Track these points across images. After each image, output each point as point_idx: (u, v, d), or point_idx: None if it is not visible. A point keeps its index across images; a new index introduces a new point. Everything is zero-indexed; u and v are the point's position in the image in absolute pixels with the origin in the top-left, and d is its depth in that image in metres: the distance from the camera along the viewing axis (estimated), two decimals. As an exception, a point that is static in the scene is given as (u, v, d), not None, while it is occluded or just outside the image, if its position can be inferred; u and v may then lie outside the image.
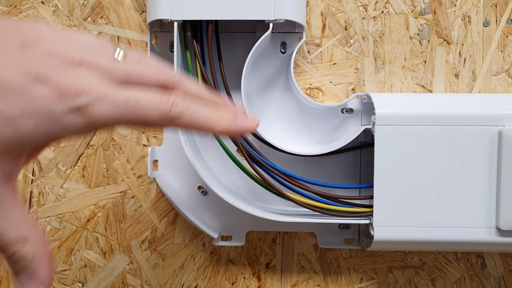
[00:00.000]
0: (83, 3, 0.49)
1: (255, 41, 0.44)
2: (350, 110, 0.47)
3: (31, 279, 0.27)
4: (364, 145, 0.48)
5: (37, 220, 0.51)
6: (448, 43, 0.48)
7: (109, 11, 0.49)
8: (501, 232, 0.43)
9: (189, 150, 0.44)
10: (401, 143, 0.42)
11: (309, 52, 0.49)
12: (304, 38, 0.46)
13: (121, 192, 0.50)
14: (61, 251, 0.51)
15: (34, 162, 0.50)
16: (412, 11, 0.48)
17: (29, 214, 0.27)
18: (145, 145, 0.50)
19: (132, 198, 0.50)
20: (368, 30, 0.48)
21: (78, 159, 0.50)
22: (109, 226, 0.50)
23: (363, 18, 0.48)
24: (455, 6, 0.48)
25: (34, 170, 0.50)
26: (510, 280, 0.49)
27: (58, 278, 0.51)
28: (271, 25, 0.43)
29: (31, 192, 0.50)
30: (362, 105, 0.47)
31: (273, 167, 0.45)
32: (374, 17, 0.48)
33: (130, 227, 0.50)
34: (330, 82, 0.49)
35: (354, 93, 0.48)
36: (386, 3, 0.48)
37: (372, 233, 0.43)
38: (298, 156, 0.46)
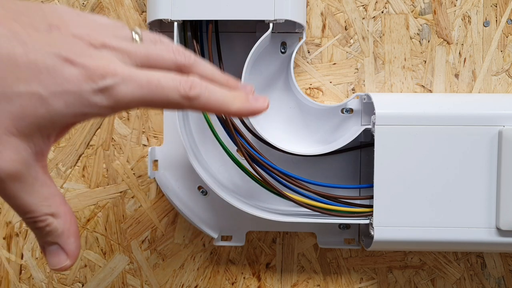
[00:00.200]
0: (83, 3, 0.49)
1: (255, 41, 0.44)
2: (350, 110, 0.47)
3: (60, 252, 0.28)
4: (364, 145, 0.48)
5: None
6: (448, 43, 0.48)
7: (109, 11, 0.49)
8: (501, 232, 0.43)
9: (189, 150, 0.44)
10: (401, 143, 0.42)
11: (309, 52, 0.49)
12: (304, 38, 0.46)
13: (121, 192, 0.50)
14: (61, 251, 0.51)
15: (34, 162, 0.50)
16: (412, 11, 0.48)
17: (58, 190, 0.28)
18: (145, 145, 0.50)
19: (132, 198, 0.50)
20: (368, 30, 0.48)
21: (78, 159, 0.50)
22: (109, 226, 0.50)
23: (363, 18, 0.48)
24: (455, 6, 0.48)
25: (34, 170, 0.50)
26: (510, 280, 0.49)
27: (58, 278, 0.51)
28: (271, 25, 0.43)
29: (31, 192, 0.50)
30: (362, 105, 0.47)
31: (273, 167, 0.45)
32: (374, 17, 0.48)
33: (130, 227, 0.50)
34: (330, 82, 0.49)
35: (354, 93, 0.48)
36: (386, 3, 0.48)
37: (372, 233, 0.43)
38: (298, 156, 0.46)
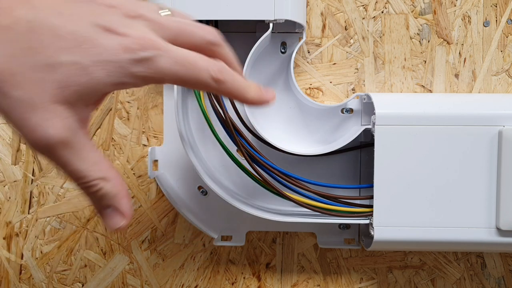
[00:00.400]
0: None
1: (255, 41, 0.44)
2: (350, 110, 0.47)
3: (115, 214, 0.29)
4: (364, 145, 0.48)
5: (37, 220, 0.51)
6: (448, 43, 0.48)
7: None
8: (501, 232, 0.43)
9: (189, 150, 0.44)
10: (401, 143, 0.42)
11: (309, 52, 0.49)
12: (304, 38, 0.46)
13: (121, 192, 0.50)
14: (61, 251, 0.51)
15: (34, 162, 0.50)
16: (412, 11, 0.48)
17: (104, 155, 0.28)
18: (145, 145, 0.50)
19: (132, 198, 0.50)
20: (368, 30, 0.48)
21: (78, 159, 0.50)
22: (109, 226, 0.50)
23: (363, 18, 0.48)
24: (455, 6, 0.48)
25: (34, 170, 0.50)
26: (510, 280, 0.49)
27: (58, 278, 0.51)
28: (271, 25, 0.43)
29: (31, 192, 0.50)
30: (362, 105, 0.47)
31: (273, 167, 0.45)
32: (374, 17, 0.48)
33: (130, 227, 0.50)
34: (330, 82, 0.49)
35: (354, 93, 0.48)
36: (386, 3, 0.48)
37: (372, 233, 0.43)
38: (298, 156, 0.46)
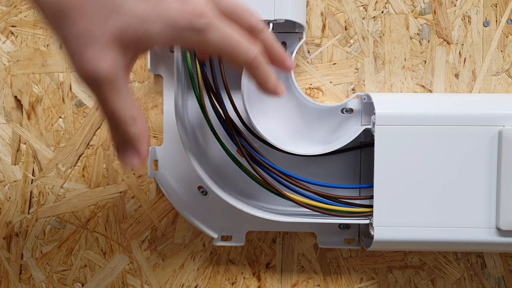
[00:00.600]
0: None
1: (255, 41, 0.44)
2: (350, 110, 0.47)
3: (134, 153, 0.31)
4: (364, 145, 0.48)
5: (37, 220, 0.51)
6: (448, 43, 0.48)
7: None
8: (501, 232, 0.43)
9: (189, 150, 0.44)
10: (401, 143, 0.42)
11: (309, 52, 0.49)
12: (304, 38, 0.46)
13: (121, 192, 0.50)
14: (61, 251, 0.51)
15: (34, 162, 0.50)
16: (412, 11, 0.48)
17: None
18: (145, 145, 0.50)
19: (132, 198, 0.50)
20: (368, 30, 0.48)
21: (78, 159, 0.50)
22: (109, 226, 0.50)
23: (363, 18, 0.48)
24: (455, 6, 0.48)
25: (34, 170, 0.50)
26: (510, 280, 0.49)
27: (58, 278, 0.51)
28: (271, 25, 0.43)
29: (31, 192, 0.50)
30: (362, 105, 0.47)
31: (273, 167, 0.45)
32: (374, 17, 0.48)
33: (130, 227, 0.50)
34: (330, 82, 0.49)
35: (354, 93, 0.48)
36: (386, 3, 0.48)
37: (372, 233, 0.43)
38: (298, 156, 0.46)
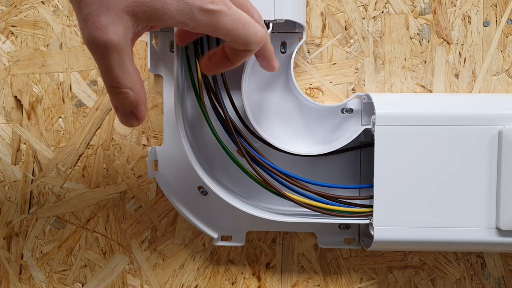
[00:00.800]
0: None
1: (255, 41, 0.44)
2: (350, 110, 0.47)
3: (132, 116, 0.34)
4: (364, 145, 0.48)
5: (37, 220, 0.51)
6: (448, 43, 0.48)
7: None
8: (501, 232, 0.43)
9: (189, 150, 0.44)
10: (401, 143, 0.42)
11: (309, 52, 0.49)
12: (304, 38, 0.46)
13: (121, 192, 0.50)
14: (61, 251, 0.51)
15: (34, 162, 0.50)
16: (412, 11, 0.48)
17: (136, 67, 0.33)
18: (145, 145, 0.50)
19: (132, 198, 0.50)
20: (368, 30, 0.48)
21: (78, 159, 0.50)
22: (109, 226, 0.50)
23: (363, 18, 0.48)
24: (455, 6, 0.48)
25: (34, 170, 0.50)
26: (510, 280, 0.49)
27: (58, 278, 0.51)
28: (271, 25, 0.43)
29: (31, 192, 0.50)
30: (362, 105, 0.47)
31: (273, 167, 0.45)
32: (374, 17, 0.48)
33: (130, 227, 0.50)
34: (330, 82, 0.49)
35: (354, 93, 0.48)
36: (386, 3, 0.48)
37: (372, 233, 0.43)
38: (298, 156, 0.46)
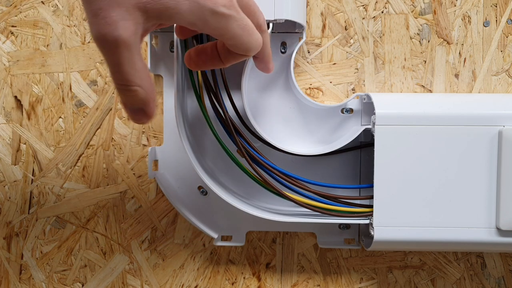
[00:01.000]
0: None
1: (255, 41, 0.44)
2: (350, 110, 0.47)
3: (142, 113, 0.34)
4: (364, 145, 0.48)
5: (37, 220, 0.51)
6: (448, 43, 0.48)
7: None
8: (501, 232, 0.43)
9: (189, 150, 0.44)
10: (401, 143, 0.42)
11: (309, 52, 0.49)
12: (304, 38, 0.46)
13: (121, 192, 0.50)
14: (61, 251, 0.51)
15: (34, 162, 0.50)
16: (412, 11, 0.48)
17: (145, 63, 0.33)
18: (145, 145, 0.50)
19: (132, 198, 0.50)
20: (368, 30, 0.48)
21: (78, 159, 0.50)
22: (109, 226, 0.50)
23: (363, 18, 0.48)
24: (455, 6, 0.48)
25: (34, 170, 0.50)
26: (510, 280, 0.49)
27: (58, 278, 0.51)
28: (271, 25, 0.43)
29: (31, 192, 0.50)
30: (362, 105, 0.47)
31: (273, 167, 0.45)
32: (374, 17, 0.48)
33: (130, 227, 0.50)
34: (330, 82, 0.49)
35: (354, 93, 0.48)
36: (386, 3, 0.48)
37: (372, 233, 0.43)
38: (298, 156, 0.46)
